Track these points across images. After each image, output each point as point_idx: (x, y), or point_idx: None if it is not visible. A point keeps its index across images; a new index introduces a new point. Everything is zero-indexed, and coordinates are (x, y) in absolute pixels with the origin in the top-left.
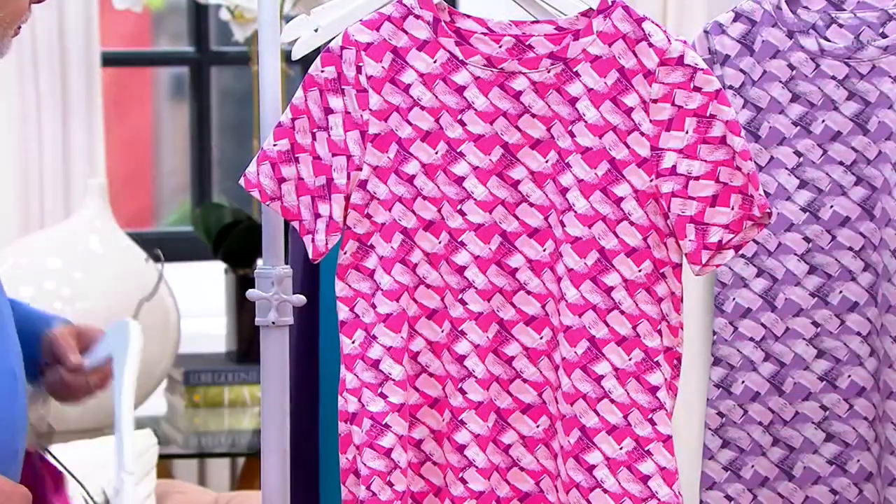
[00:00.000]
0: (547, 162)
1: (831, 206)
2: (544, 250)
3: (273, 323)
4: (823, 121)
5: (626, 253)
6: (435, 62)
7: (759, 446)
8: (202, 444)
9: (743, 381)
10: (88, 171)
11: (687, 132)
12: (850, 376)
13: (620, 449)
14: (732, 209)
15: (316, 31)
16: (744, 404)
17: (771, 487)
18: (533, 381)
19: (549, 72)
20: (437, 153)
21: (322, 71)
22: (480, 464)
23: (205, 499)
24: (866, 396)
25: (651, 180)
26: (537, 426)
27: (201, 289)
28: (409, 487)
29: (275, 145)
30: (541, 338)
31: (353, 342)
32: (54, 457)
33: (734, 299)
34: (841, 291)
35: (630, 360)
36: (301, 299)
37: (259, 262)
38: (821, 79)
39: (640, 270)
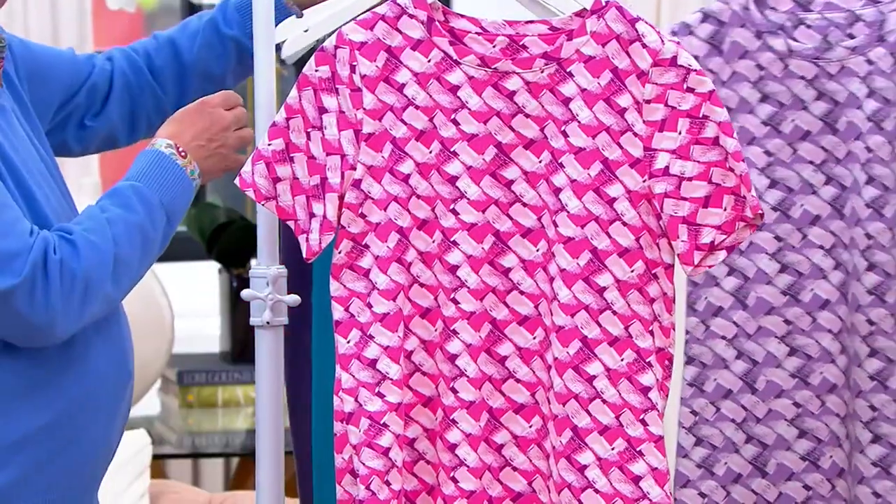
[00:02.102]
0: (540, 162)
1: (802, 205)
2: (537, 250)
3: (268, 323)
4: (793, 120)
5: (618, 253)
6: (429, 61)
7: (732, 443)
8: (196, 444)
9: (715, 379)
10: (81, 170)
11: (680, 133)
12: (822, 373)
13: (612, 449)
14: (725, 210)
15: (306, 31)
16: (716, 402)
17: (744, 484)
18: (526, 381)
19: (542, 72)
20: (430, 152)
21: (316, 70)
22: (471, 463)
23: (199, 499)
24: (838, 393)
25: (644, 181)
26: (530, 426)
27: (195, 289)
28: (402, 486)
29: (269, 145)
30: (534, 338)
31: (349, 342)
32: None
33: (706, 298)
34: (812, 289)
35: (622, 360)
36: (296, 299)
37: (253, 261)
38: (790, 79)
39: (632, 271)
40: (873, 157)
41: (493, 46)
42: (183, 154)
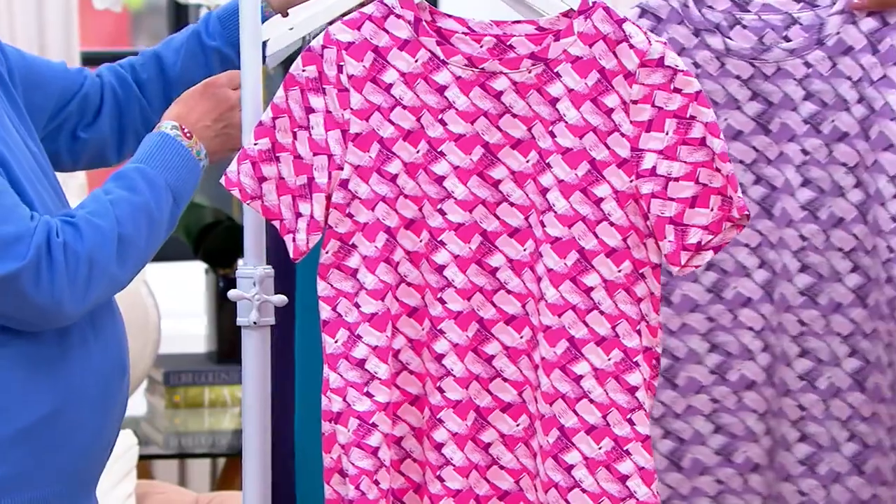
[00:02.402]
0: (527, 162)
1: None
2: (524, 250)
3: (255, 323)
4: (726, 119)
5: (605, 253)
6: (416, 61)
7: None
8: (182, 444)
9: None
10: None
11: (667, 133)
12: (740, 370)
13: (599, 449)
14: (712, 210)
15: (291, 29)
16: None
17: (659, 479)
18: (513, 379)
19: (529, 72)
20: (418, 152)
21: (303, 70)
22: (458, 462)
23: (185, 499)
24: (757, 390)
25: (631, 181)
26: (517, 425)
27: (182, 289)
28: (390, 484)
29: (255, 144)
30: (521, 337)
31: (336, 341)
32: None
33: None
34: (735, 287)
35: (609, 360)
36: (283, 299)
37: (240, 262)
38: (725, 78)
39: (619, 271)
40: (810, 159)
41: (481, 46)
42: (188, 135)
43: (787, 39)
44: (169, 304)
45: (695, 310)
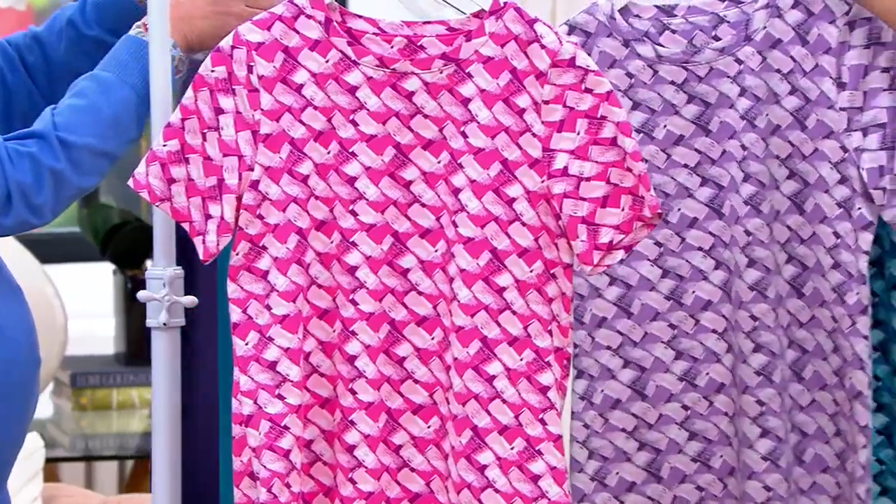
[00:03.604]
0: (439, 162)
1: (679, 209)
2: (436, 251)
3: (164, 324)
4: (665, 126)
5: (517, 254)
6: (327, 62)
7: (623, 453)
8: (89, 446)
9: (602, 391)
10: None
11: (578, 133)
12: (707, 374)
13: (511, 449)
14: (623, 210)
15: None
16: (604, 413)
17: (639, 491)
18: (424, 381)
19: (441, 72)
20: (329, 153)
21: (212, 70)
22: (370, 464)
23: (92, 502)
24: (725, 392)
25: (543, 181)
26: (428, 427)
27: (89, 290)
28: (301, 488)
29: (164, 146)
30: (432, 338)
31: (247, 344)
32: None
33: (591, 310)
34: (694, 292)
35: (521, 360)
36: (192, 300)
37: (149, 262)
38: (660, 84)
39: (531, 271)
40: (748, 154)
41: (391, 47)
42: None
43: (717, 39)
44: (76, 305)
45: (655, 318)
